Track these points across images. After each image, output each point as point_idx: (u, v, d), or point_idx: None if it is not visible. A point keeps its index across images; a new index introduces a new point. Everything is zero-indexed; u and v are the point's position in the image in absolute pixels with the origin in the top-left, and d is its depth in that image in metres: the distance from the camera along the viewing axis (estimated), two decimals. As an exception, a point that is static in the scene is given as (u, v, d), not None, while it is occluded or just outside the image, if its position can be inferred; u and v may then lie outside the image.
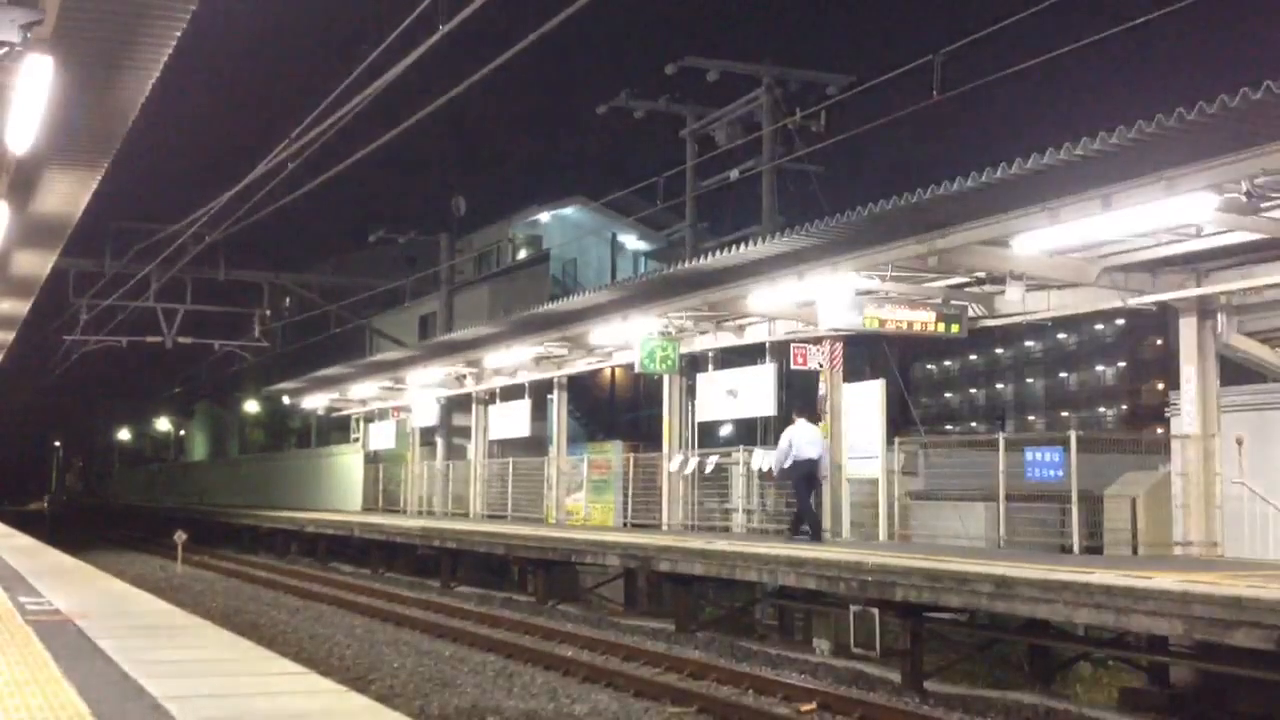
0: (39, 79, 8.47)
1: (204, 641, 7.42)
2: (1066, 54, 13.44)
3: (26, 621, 7.82)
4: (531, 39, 10.85)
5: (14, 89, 8.75)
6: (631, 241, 36.38)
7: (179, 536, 27.85)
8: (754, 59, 23.47)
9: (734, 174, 23.56)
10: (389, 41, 11.22)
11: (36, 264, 16.83)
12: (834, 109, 21.83)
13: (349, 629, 17.01)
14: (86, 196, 13.05)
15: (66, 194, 12.87)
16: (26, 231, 14.43)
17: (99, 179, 12.34)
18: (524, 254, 36.83)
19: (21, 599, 9.28)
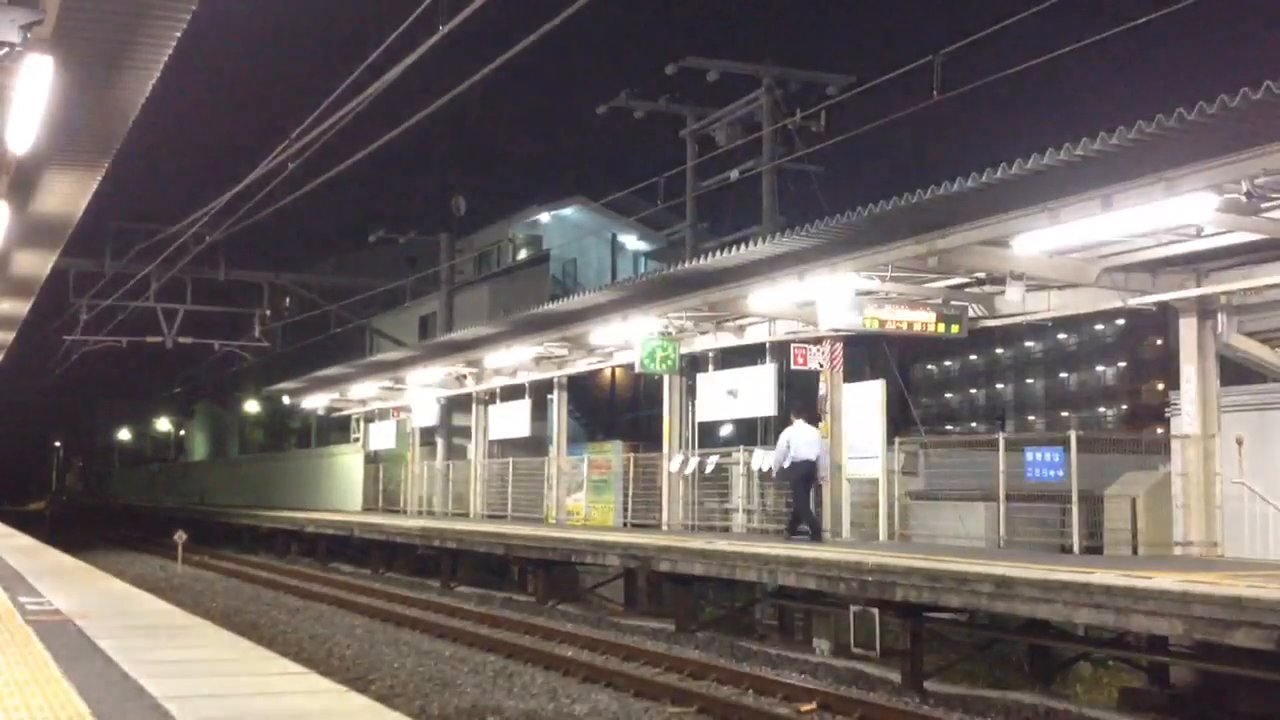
0: (39, 79, 8.48)
1: (204, 641, 7.42)
2: (1066, 54, 13.46)
3: (26, 621, 7.82)
4: (531, 39, 10.86)
5: (14, 89, 8.75)
6: (631, 242, 36.38)
7: (179, 536, 27.86)
8: (754, 59, 23.49)
9: (734, 174, 23.57)
10: (389, 41, 11.23)
11: (36, 264, 16.84)
12: (834, 109, 21.84)
13: (349, 629, 17.01)
14: (86, 196, 13.05)
15: (66, 194, 12.88)
16: (26, 231, 14.44)
17: (99, 179, 12.35)
18: (524, 254, 36.83)
19: (21, 599, 9.28)
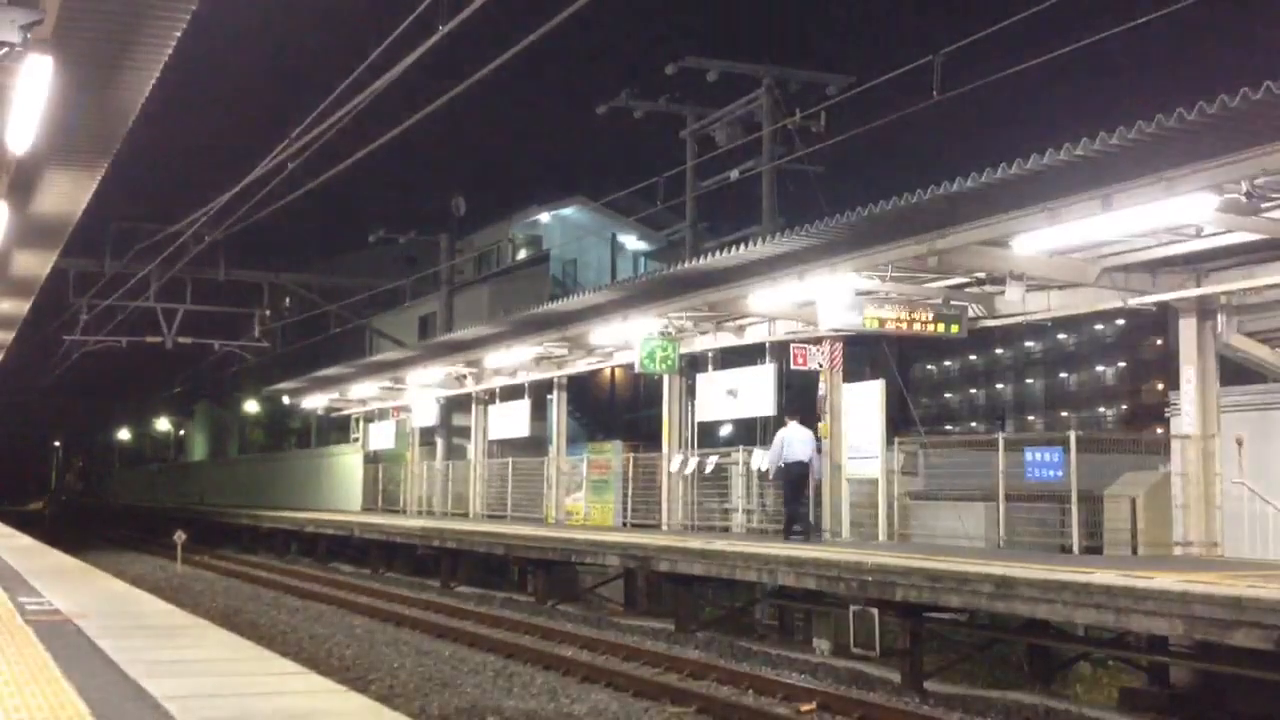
0: (39, 79, 8.48)
1: (203, 641, 7.42)
2: (1066, 54, 13.46)
3: (26, 621, 7.82)
4: (531, 39, 10.86)
5: (14, 89, 8.75)
6: (631, 242, 36.39)
7: (178, 536, 27.86)
8: (754, 59, 23.50)
9: (734, 174, 23.57)
10: (389, 41, 11.23)
11: (36, 264, 16.84)
12: (834, 109, 21.84)
13: (349, 629, 17.01)
14: (86, 196, 13.05)
15: (66, 194, 12.88)
16: (26, 231, 14.43)
17: (99, 179, 12.35)
18: (524, 254, 36.83)
19: (21, 599, 9.28)
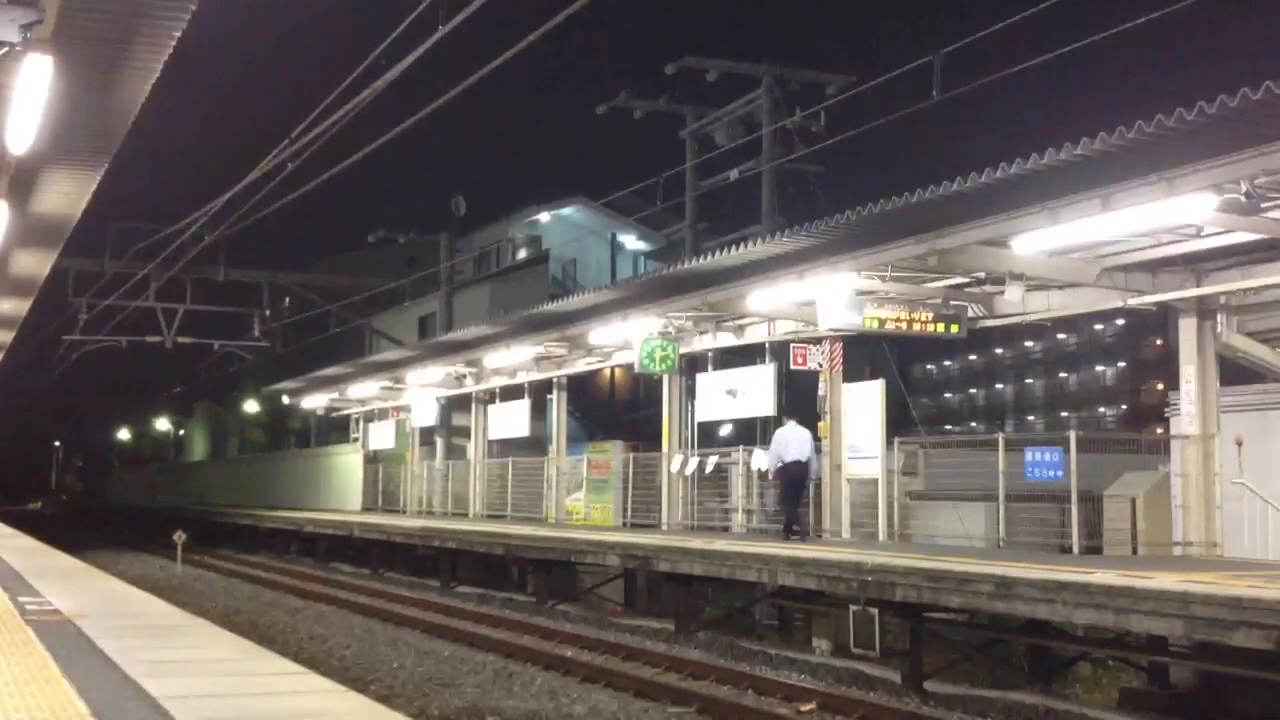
0: (39, 79, 8.48)
1: (203, 641, 7.42)
2: (1066, 54, 13.46)
3: (26, 622, 7.82)
4: (531, 39, 10.86)
5: (14, 89, 8.76)
6: (631, 241, 36.38)
7: (179, 536, 27.86)
8: (754, 59, 23.50)
9: (734, 174, 23.57)
10: (389, 41, 11.24)
11: (36, 264, 16.85)
12: (834, 109, 21.84)
13: (349, 629, 17.01)
14: (86, 196, 13.06)
15: (66, 194, 12.89)
16: (26, 231, 14.44)
17: (99, 179, 12.36)
18: (524, 254, 36.83)
19: (21, 599, 9.28)
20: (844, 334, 16.49)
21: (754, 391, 18.78)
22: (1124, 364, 72.20)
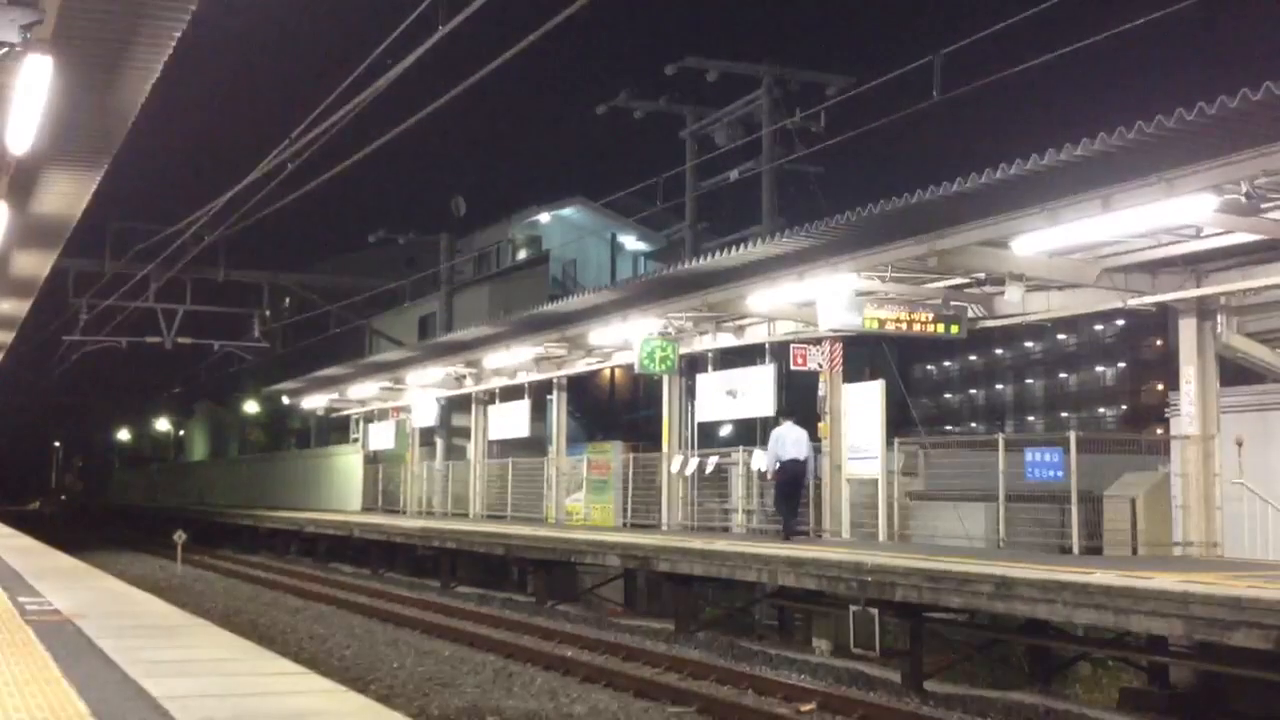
0: (39, 79, 8.48)
1: (203, 641, 7.42)
2: (1067, 54, 13.46)
3: (26, 622, 7.83)
4: (531, 39, 10.86)
5: (14, 89, 8.76)
6: (631, 242, 36.37)
7: (178, 536, 27.86)
8: (754, 59, 23.50)
9: (734, 174, 23.58)
10: (389, 41, 11.24)
11: (36, 264, 16.85)
12: (834, 109, 21.83)
13: (349, 629, 17.01)
14: (86, 196, 13.06)
15: (66, 194, 12.89)
16: (26, 231, 14.44)
17: (99, 179, 12.36)
18: (524, 254, 36.81)
19: (21, 599, 9.29)
20: (844, 334, 16.49)
21: (754, 392, 18.78)
22: (1124, 364, 72.18)
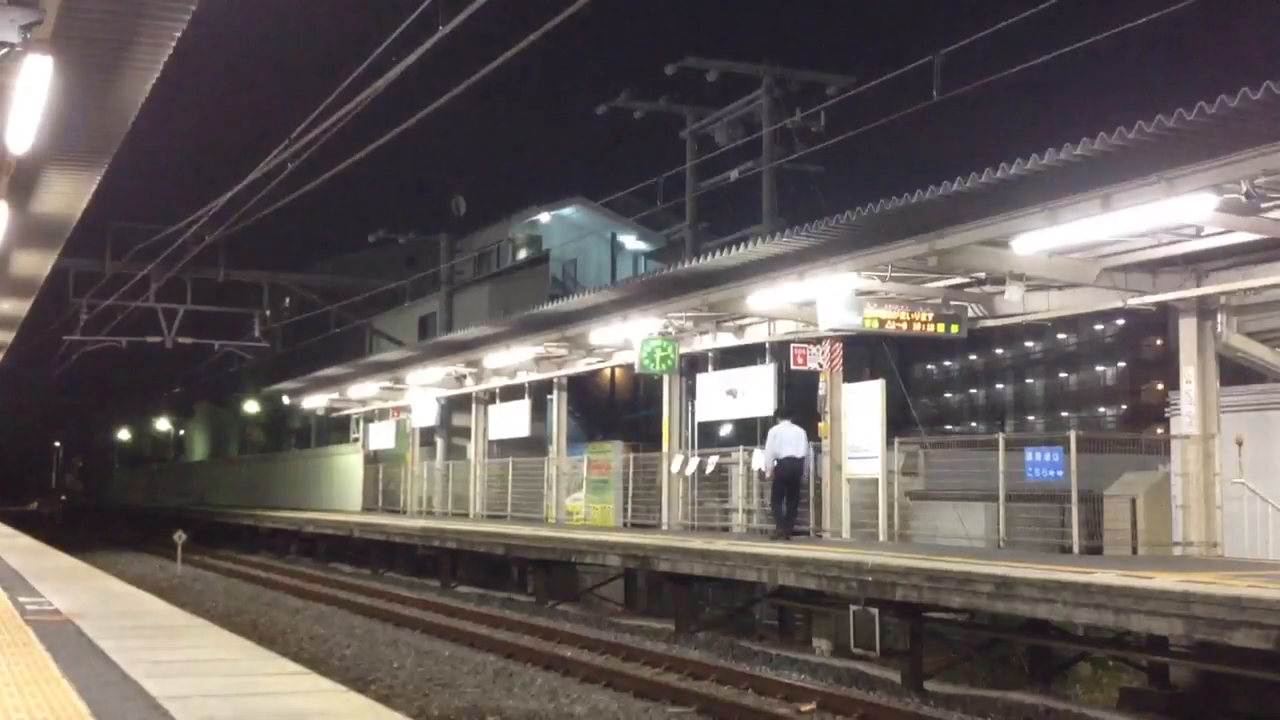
0: (39, 79, 8.48)
1: (204, 641, 7.42)
2: (1067, 55, 13.46)
3: (26, 622, 7.83)
4: (532, 39, 10.86)
5: (14, 89, 8.76)
6: (631, 242, 36.37)
7: (179, 536, 27.86)
8: (754, 59, 23.51)
9: (734, 174, 23.58)
10: (389, 41, 11.24)
11: (36, 264, 16.85)
12: (834, 109, 21.84)
13: (349, 629, 17.01)
14: (86, 196, 13.06)
15: (66, 194, 12.89)
16: (26, 231, 14.44)
17: (99, 179, 12.36)
18: (524, 254, 36.81)
19: (21, 599, 9.29)
20: (844, 334, 16.49)
21: (754, 392, 18.78)
22: (1124, 364, 72.17)
